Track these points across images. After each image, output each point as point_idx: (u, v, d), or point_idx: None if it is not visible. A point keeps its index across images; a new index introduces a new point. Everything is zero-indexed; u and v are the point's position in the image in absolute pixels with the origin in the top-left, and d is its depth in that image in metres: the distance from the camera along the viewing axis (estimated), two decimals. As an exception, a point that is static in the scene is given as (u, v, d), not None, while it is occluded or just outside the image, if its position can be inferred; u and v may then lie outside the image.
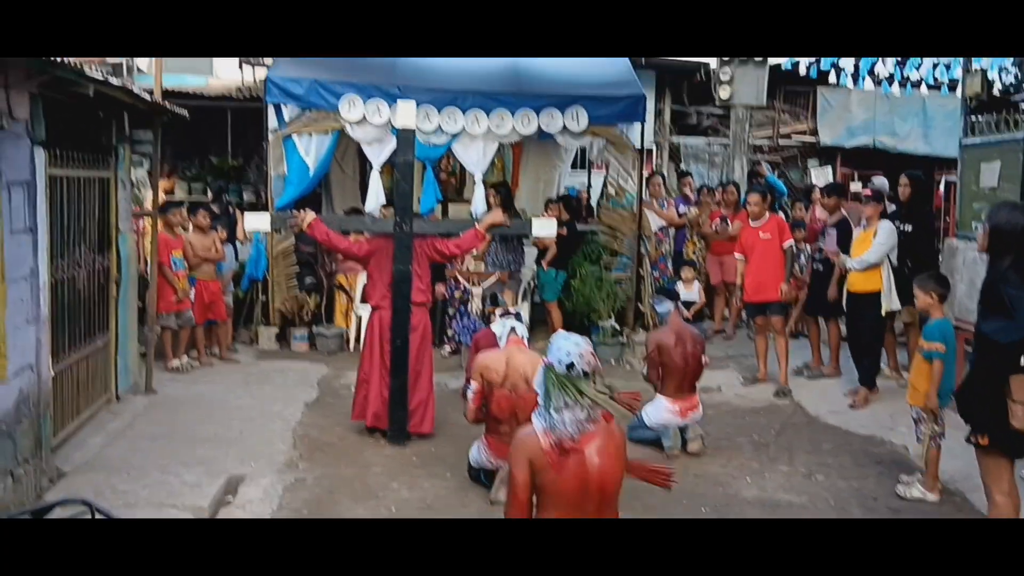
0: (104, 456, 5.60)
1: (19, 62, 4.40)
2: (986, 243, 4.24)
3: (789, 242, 7.89)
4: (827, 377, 8.09)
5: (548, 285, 9.26)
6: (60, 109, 5.23)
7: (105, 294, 6.40)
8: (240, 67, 12.85)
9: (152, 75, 7.69)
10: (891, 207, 8.19)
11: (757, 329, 8.16)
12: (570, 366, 3.91)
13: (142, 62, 12.97)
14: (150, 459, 5.50)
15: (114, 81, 5.29)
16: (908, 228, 7.45)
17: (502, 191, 9.02)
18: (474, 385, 5.24)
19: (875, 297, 7.16)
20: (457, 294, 9.01)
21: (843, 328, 7.96)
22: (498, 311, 6.01)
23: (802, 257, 8.82)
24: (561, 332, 4.22)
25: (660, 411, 6.13)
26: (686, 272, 9.42)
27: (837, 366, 8.14)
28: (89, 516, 2.45)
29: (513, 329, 5.42)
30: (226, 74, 13.43)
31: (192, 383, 7.59)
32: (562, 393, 3.31)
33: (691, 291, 9.33)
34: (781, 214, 9.13)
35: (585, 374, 3.89)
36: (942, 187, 12.89)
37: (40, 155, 5.03)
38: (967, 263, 7.17)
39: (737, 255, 8.21)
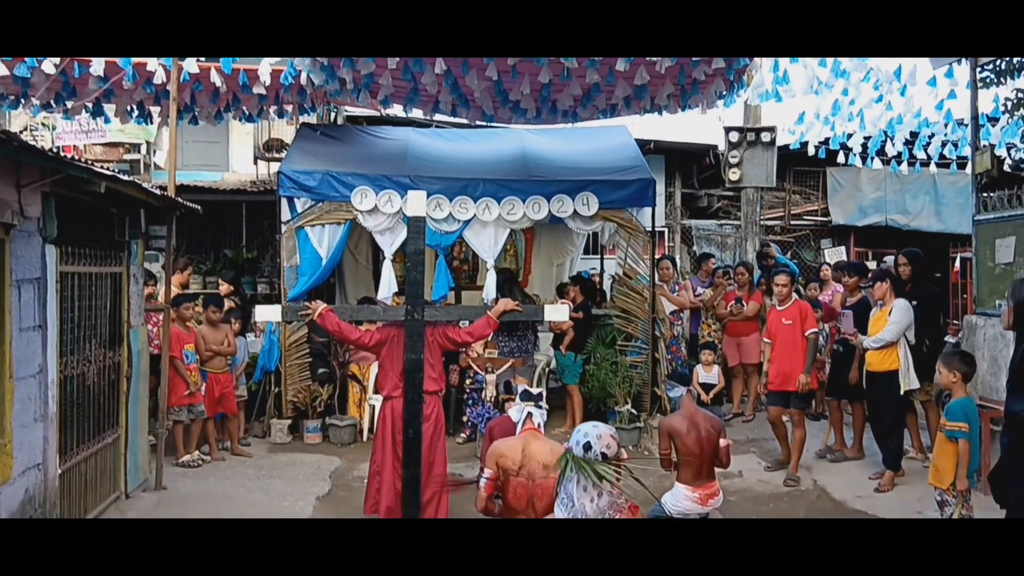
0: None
1: (32, 162, 4.46)
2: (1011, 320, 4.15)
3: (813, 330, 7.68)
4: (851, 460, 7.88)
5: (568, 369, 9.17)
6: (73, 206, 5.28)
7: (115, 389, 6.36)
8: (255, 162, 13.12)
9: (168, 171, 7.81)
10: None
11: (772, 418, 7.93)
12: (587, 447, 3.81)
13: (159, 158, 13.29)
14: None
15: (125, 177, 5.37)
16: (914, 303, 7.35)
17: (501, 276, 9.03)
18: (488, 472, 5.08)
19: (893, 376, 7.04)
20: (467, 382, 8.91)
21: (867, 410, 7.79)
22: (517, 395, 5.88)
23: (820, 338, 8.68)
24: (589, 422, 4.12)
25: (679, 499, 5.92)
26: (705, 355, 9.29)
27: (860, 448, 7.94)
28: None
29: (530, 415, 5.28)
30: (241, 168, 13.70)
31: (203, 478, 7.47)
32: (579, 475, 3.20)
33: (710, 373, 9.21)
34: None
35: (604, 456, 3.78)
36: (958, 263, 12.82)
37: (51, 253, 5.07)
38: (988, 340, 7.05)
39: (765, 339, 8.05)
